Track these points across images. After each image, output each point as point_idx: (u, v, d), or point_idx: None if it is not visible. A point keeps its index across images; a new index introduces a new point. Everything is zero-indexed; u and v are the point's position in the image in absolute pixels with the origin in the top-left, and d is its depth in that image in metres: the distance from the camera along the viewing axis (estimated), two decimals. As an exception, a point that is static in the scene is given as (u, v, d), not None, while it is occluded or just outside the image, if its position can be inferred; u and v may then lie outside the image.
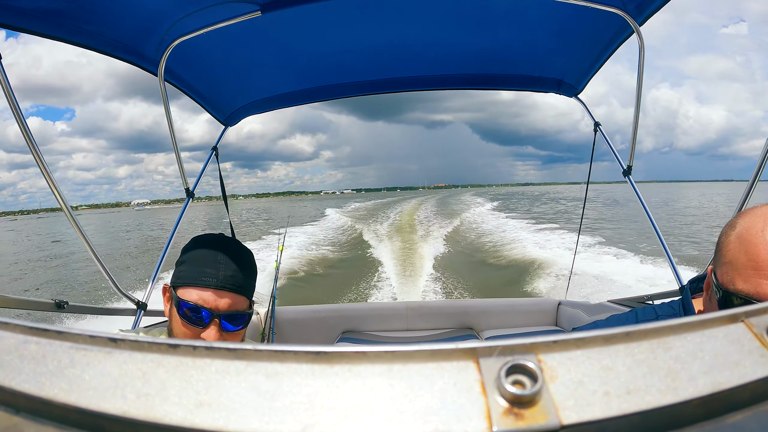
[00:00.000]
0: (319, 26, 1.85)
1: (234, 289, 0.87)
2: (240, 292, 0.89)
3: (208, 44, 1.84)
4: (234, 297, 0.88)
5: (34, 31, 1.36)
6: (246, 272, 0.91)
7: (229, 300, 0.87)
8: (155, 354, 0.24)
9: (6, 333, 0.26)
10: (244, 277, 0.90)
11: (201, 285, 0.86)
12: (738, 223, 0.76)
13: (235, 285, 0.88)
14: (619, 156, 2.15)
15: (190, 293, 0.86)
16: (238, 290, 0.88)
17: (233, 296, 0.87)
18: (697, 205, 35.13)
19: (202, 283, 0.86)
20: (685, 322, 0.25)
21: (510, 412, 0.22)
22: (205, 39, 1.75)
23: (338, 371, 0.23)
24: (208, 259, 0.88)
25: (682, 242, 13.52)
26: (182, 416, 0.22)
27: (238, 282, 0.88)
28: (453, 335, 2.48)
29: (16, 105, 1.29)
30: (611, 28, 1.80)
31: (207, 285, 0.86)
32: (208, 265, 0.87)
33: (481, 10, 1.81)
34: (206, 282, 0.86)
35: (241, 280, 0.89)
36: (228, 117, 2.54)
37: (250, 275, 0.93)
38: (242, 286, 0.89)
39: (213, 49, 1.91)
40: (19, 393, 0.24)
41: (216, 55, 1.98)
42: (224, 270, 0.87)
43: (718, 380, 0.24)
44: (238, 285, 0.88)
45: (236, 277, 0.88)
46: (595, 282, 6.96)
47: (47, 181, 1.47)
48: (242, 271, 0.89)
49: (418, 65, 2.26)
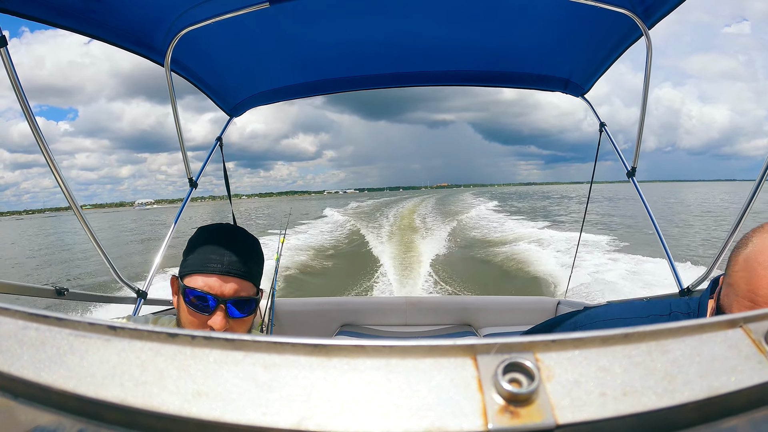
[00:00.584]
0: (327, 19, 1.85)
1: (239, 275, 0.87)
2: (245, 278, 0.89)
3: (215, 34, 1.84)
4: (240, 282, 0.88)
5: (42, 19, 1.36)
6: (251, 258, 0.91)
7: (234, 285, 0.87)
8: (154, 343, 0.24)
9: (6, 318, 0.26)
10: (249, 262, 0.90)
11: (206, 272, 0.86)
12: (751, 240, 0.70)
13: (240, 270, 0.88)
14: (623, 157, 2.14)
15: (195, 280, 0.86)
16: (243, 275, 0.88)
17: (239, 281, 0.87)
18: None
19: (207, 270, 0.86)
20: (684, 325, 0.25)
21: (506, 410, 0.22)
22: (213, 29, 1.75)
23: (336, 364, 0.23)
24: (213, 246, 0.88)
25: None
26: (179, 405, 0.22)
27: (243, 267, 0.88)
28: (451, 331, 2.49)
29: (26, 103, 1.30)
30: (620, 29, 1.80)
31: (212, 271, 0.86)
32: (213, 252, 0.87)
33: (490, 6, 1.80)
34: (211, 268, 0.86)
35: (245, 265, 0.89)
36: (234, 108, 2.54)
37: (256, 262, 0.92)
38: (247, 271, 0.89)
39: (220, 39, 1.90)
40: (18, 379, 0.24)
41: (223, 46, 1.98)
42: (229, 256, 0.87)
43: (714, 385, 0.24)
44: (243, 270, 0.88)
45: (241, 263, 0.88)
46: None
47: (56, 177, 1.47)
48: (247, 256, 0.90)
49: (425, 60, 2.25)
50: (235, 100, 2.50)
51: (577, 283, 6.72)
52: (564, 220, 20.25)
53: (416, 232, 15.69)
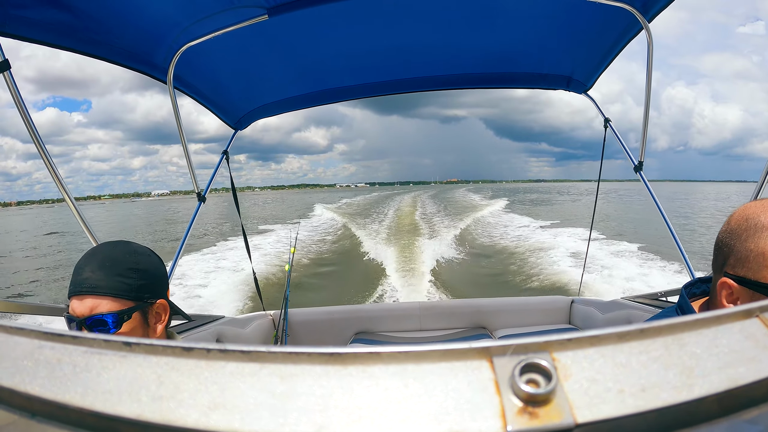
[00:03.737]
0: (327, 28, 1.85)
1: (90, 291, 0.81)
2: (97, 293, 0.81)
3: (216, 50, 1.85)
4: (93, 300, 0.81)
5: (44, 41, 1.38)
6: (107, 271, 0.82)
7: (89, 304, 0.81)
8: (169, 357, 0.24)
9: (21, 338, 0.26)
10: (104, 276, 0.82)
11: (70, 295, 0.83)
12: (760, 220, 0.70)
13: (91, 287, 0.81)
14: (630, 152, 2.13)
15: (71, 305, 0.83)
16: (94, 291, 0.81)
17: (92, 299, 0.81)
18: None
19: (70, 292, 0.83)
20: (700, 318, 0.25)
21: (524, 411, 0.22)
22: (213, 44, 1.76)
23: (352, 372, 0.23)
24: (77, 267, 0.84)
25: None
26: (197, 418, 0.22)
27: (93, 283, 0.81)
28: (466, 335, 2.48)
29: (32, 125, 1.31)
30: (619, 24, 1.80)
31: (71, 293, 0.82)
32: (74, 273, 0.83)
33: (491, 8, 1.80)
34: (71, 290, 0.82)
35: (98, 280, 0.81)
36: (238, 121, 2.55)
37: (115, 273, 0.83)
38: (99, 286, 0.81)
39: (221, 53, 1.91)
40: (35, 397, 0.24)
41: (224, 60, 1.99)
42: (83, 273, 0.82)
43: (733, 376, 0.23)
44: (94, 286, 0.81)
45: (92, 278, 0.81)
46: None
47: (52, 176, 1.47)
48: (102, 270, 0.82)
49: (427, 65, 2.26)
50: (239, 113, 2.51)
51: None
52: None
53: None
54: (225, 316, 2.25)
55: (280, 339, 2.35)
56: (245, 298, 6.75)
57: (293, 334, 2.48)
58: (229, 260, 9.76)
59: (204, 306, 6.51)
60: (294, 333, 2.49)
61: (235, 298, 6.84)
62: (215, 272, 8.72)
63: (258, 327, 2.41)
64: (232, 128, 2.56)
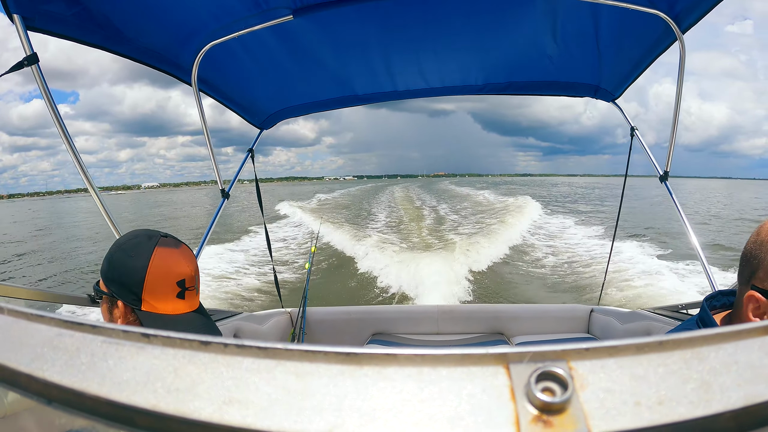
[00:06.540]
0: (353, 32, 1.83)
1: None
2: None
3: (239, 50, 1.86)
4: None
5: (72, 37, 1.40)
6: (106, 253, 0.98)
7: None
8: (187, 350, 0.24)
9: (41, 326, 0.27)
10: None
11: None
12: None
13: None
14: (655, 161, 2.10)
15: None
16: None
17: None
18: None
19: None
20: (720, 332, 0.25)
21: (539, 420, 0.22)
22: (237, 44, 1.77)
23: (367, 373, 0.23)
24: None
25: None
26: (211, 412, 0.22)
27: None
28: (483, 340, 2.47)
29: (59, 119, 1.32)
30: (653, 34, 1.76)
31: None
32: None
33: (520, 18, 1.78)
34: None
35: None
36: (264, 121, 2.56)
37: (105, 257, 0.96)
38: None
39: (245, 54, 1.92)
40: (52, 384, 0.25)
41: (248, 60, 1.99)
42: None
43: (751, 393, 0.23)
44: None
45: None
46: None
47: (75, 164, 1.47)
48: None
49: (454, 73, 2.25)
50: (265, 113, 2.52)
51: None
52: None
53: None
54: (243, 312, 2.26)
55: (298, 337, 2.36)
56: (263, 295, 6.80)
57: (310, 333, 2.49)
58: (232, 261, 9.74)
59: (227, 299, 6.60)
60: (311, 331, 2.49)
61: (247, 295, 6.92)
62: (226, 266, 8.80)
63: (276, 324, 2.42)
64: (258, 128, 2.56)
